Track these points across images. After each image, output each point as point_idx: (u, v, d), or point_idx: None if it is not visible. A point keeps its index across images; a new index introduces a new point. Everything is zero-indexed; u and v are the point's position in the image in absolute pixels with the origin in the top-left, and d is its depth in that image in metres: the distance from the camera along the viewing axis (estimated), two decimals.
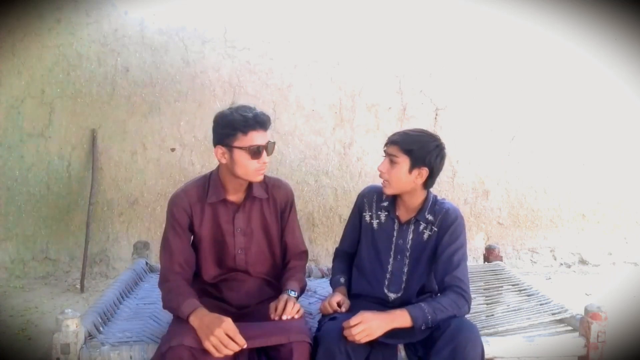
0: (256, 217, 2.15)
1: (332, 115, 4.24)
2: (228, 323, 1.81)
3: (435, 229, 2.10)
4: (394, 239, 2.16)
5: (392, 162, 2.05)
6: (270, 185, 2.18)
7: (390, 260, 2.16)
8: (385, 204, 2.18)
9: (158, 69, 4.11)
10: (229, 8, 4.10)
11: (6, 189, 4.08)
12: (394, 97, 4.26)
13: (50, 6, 3.98)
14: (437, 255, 2.08)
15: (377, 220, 2.20)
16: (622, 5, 4.21)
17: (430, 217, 2.11)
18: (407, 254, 2.14)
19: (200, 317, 1.84)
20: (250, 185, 2.11)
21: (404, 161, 2.03)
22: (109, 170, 4.14)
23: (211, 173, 2.15)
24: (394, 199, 2.17)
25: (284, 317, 1.94)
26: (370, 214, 2.22)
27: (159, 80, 4.11)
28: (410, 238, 2.14)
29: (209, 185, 2.11)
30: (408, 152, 2.02)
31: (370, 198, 2.24)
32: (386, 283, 2.15)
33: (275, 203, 2.19)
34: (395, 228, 2.16)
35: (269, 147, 2.03)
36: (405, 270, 2.14)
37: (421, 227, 2.13)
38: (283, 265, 2.25)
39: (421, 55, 4.25)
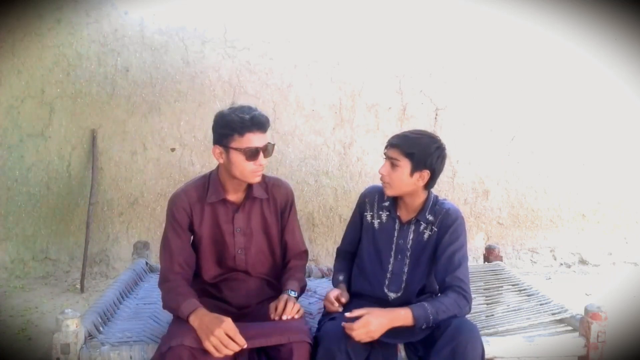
0: (256, 217, 2.15)
1: (332, 115, 4.24)
2: (228, 323, 1.81)
3: (436, 229, 2.10)
4: (394, 238, 2.16)
5: (393, 165, 2.05)
6: (270, 185, 2.18)
7: (391, 260, 2.16)
8: (387, 203, 2.19)
9: (158, 69, 4.11)
10: (229, 8, 4.10)
11: (6, 189, 4.08)
12: (394, 97, 4.26)
13: (50, 6, 3.98)
14: (437, 255, 2.08)
15: (379, 220, 2.20)
16: (622, 5, 4.21)
17: (430, 217, 2.11)
18: (408, 254, 2.14)
19: (200, 317, 1.84)
20: (250, 185, 2.11)
21: (405, 164, 2.03)
22: (109, 170, 4.14)
23: (211, 173, 2.15)
24: (395, 199, 2.17)
25: (284, 317, 1.94)
26: (371, 213, 2.22)
27: (159, 80, 4.11)
28: (410, 238, 2.14)
29: (209, 185, 2.10)
30: (409, 155, 2.02)
31: (372, 198, 2.24)
32: (386, 283, 2.15)
33: (275, 203, 2.18)
34: (396, 228, 2.16)
35: (267, 149, 2.01)
36: (406, 270, 2.14)
37: (422, 227, 2.13)
38: (283, 265, 2.25)
39: (421, 55, 4.25)
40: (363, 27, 4.20)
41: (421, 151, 2.02)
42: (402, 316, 1.91)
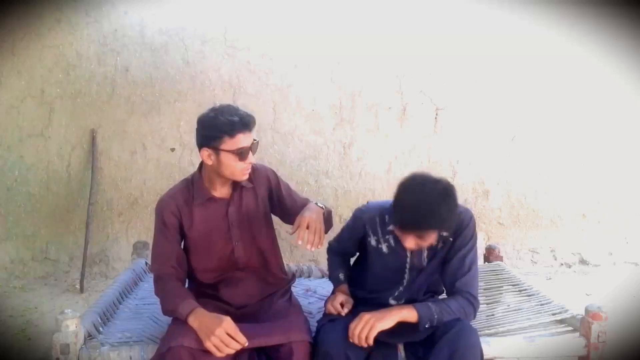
0: (247, 207, 2.14)
1: (332, 115, 4.24)
2: (228, 322, 1.80)
3: (451, 239, 2.01)
4: (407, 259, 2.06)
5: (420, 238, 1.88)
6: (252, 173, 2.15)
7: (406, 276, 2.08)
8: (392, 227, 2.01)
9: (158, 69, 4.10)
10: (229, 8, 4.10)
11: (6, 189, 4.08)
12: (394, 97, 4.25)
13: (50, 6, 3.98)
14: (448, 257, 2.02)
15: (387, 244, 2.08)
16: (621, 5, 4.21)
17: (445, 234, 1.99)
18: (422, 269, 2.07)
19: (200, 317, 1.83)
20: None
21: (432, 235, 1.88)
22: (109, 170, 4.14)
23: (192, 175, 2.15)
24: None
25: (308, 247, 1.90)
26: (376, 238, 2.09)
27: (159, 80, 4.11)
28: (425, 255, 2.05)
29: (193, 188, 2.10)
30: (437, 231, 1.89)
31: (373, 224, 2.08)
32: (396, 294, 2.09)
33: (260, 189, 2.17)
34: (408, 251, 2.04)
35: (253, 147, 2.02)
36: (418, 282, 2.09)
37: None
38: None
39: (421, 55, 4.25)
40: (363, 27, 4.19)
41: (449, 228, 1.91)
42: (405, 310, 1.90)
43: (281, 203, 2.21)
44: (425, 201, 1.79)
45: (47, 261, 4.16)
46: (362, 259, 2.23)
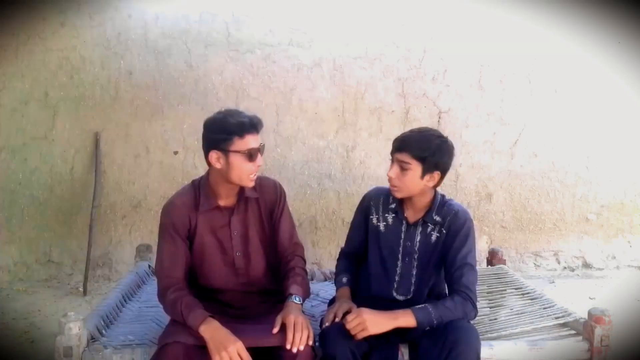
0: (251, 217, 2.13)
1: (334, 119, 4.24)
2: (241, 344, 1.79)
3: (444, 231, 2.07)
4: (401, 241, 2.13)
5: (403, 169, 2.00)
6: (259, 184, 2.15)
7: (399, 262, 2.13)
8: (393, 205, 2.15)
9: (161, 73, 4.11)
10: (232, 11, 4.11)
11: (9, 192, 4.09)
12: (396, 100, 4.26)
13: (53, 9, 4.00)
14: (446, 258, 2.06)
15: (384, 223, 2.17)
16: (623, 6, 4.21)
17: (437, 219, 2.08)
18: (416, 256, 2.11)
19: (213, 329, 1.82)
20: (242, 187, 2.10)
21: (415, 167, 1.98)
22: (112, 174, 4.15)
23: (200, 180, 2.14)
24: (402, 199, 2.13)
25: (294, 350, 1.82)
26: (377, 216, 2.18)
27: (162, 83, 4.12)
28: (418, 240, 2.11)
29: (200, 194, 2.09)
30: (420, 159, 1.97)
31: (377, 200, 2.20)
32: (395, 286, 2.13)
33: (265, 201, 2.17)
34: (403, 230, 2.13)
35: (261, 149, 2.03)
36: (414, 272, 2.12)
37: (429, 229, 2.10)
38: (283, 264, 2.20)
39: (424, 58, 4.25)
40: (366, 31, 4.20)
41: (433, 154, 1.97)
42: (402, 316, 1.89)
43: (274, 226, 2.20)
44: (419, 132, 2.07)
45: (51, 264, 4.17)
46: (367, 252, 2.26)
